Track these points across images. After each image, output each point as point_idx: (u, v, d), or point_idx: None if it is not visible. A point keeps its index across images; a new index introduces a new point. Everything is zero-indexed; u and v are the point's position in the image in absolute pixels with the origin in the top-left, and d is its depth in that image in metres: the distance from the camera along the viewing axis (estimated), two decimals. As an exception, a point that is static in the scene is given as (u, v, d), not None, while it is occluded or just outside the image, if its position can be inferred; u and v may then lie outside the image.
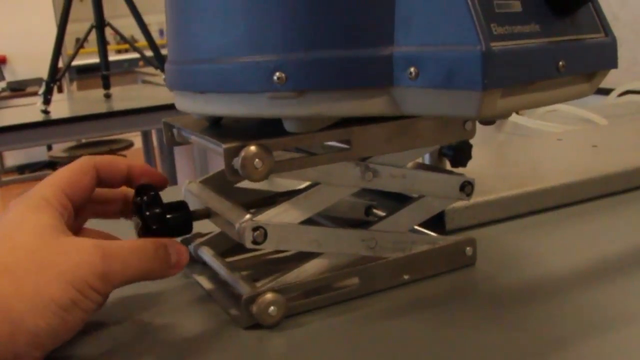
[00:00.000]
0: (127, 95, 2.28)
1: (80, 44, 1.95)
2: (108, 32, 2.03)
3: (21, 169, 5.18)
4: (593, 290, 0.46)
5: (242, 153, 0.39)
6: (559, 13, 0.38)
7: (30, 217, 0.39)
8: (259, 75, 0.36)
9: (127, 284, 0.40)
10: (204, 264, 0.52)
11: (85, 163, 0.44)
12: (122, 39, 2.02)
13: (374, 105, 0.37)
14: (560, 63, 0.37)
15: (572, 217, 0.62)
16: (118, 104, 2.02)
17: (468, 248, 0.50)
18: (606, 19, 0.42)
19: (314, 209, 0.44)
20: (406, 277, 0.47)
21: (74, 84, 5.29)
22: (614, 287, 0.46)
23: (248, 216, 0.42)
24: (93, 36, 2.00)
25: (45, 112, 1.87)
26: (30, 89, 5.20)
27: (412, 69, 0.35)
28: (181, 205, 0.45)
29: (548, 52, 0.37)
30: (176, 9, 0.42)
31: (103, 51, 2.00)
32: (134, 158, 2.70)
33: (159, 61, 2.04)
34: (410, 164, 0.48)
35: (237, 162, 0.39)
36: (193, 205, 0.48)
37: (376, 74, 0.36)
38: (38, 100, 1.93)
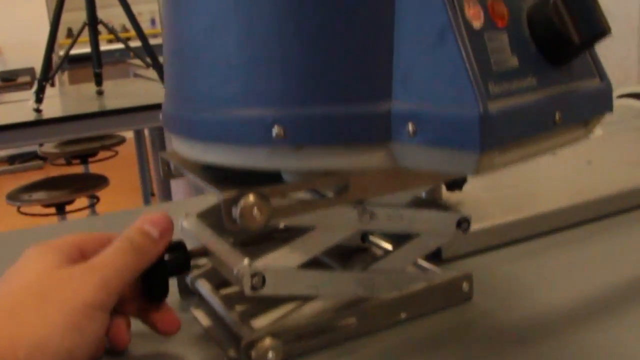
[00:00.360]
0: (119, 92, 2.27)
1: (72, 43, 1.93)
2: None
3: (12, 159, 5.16)
4: (592, 326, 0.46)
5: (241, 203, 0.39)
6: (555, 63, 0.38)
7: (34, 259, 0.41)
8: (257, 129, 0.36)
9: (128, 284, 0.41)
10: (200, 295, 0.52)
11: (99, 235, 0.45)
12: (116, 37, 2.01)
13: (373, 159, 0.37)
14: (557, 115, 0.37)
15: (568, 242, 0.62)
16: (111, 102, 2.01)
17: (465, 284, 0.50)
18: (601, 63, 0.42)
19: (312, 252, 0.44)
20: (403, 315, 0.48)
21: (65, 74, 5.26)
22: (614, 324, 0.46)
23: (246, 262, 0.42)
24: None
25: (38, 110, 1.86)
26: (21, 79, 5.18)
27: (410, 126, 0.35)
28: (179, 246, 0.46)
29: (545, 106, 0.37)
30: (174, 54, 0.42)
31: (96, 50, 1.98)
32: (127, 154, 2.70)
33: (150, 56, 2.02)
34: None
35: (235, 211, 0.39)
36: (190, 242, 0.48)
37: (374, 130, 0.36)
38: (31, 99, 1.92)
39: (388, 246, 0.55)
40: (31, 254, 0.41)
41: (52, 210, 2.21)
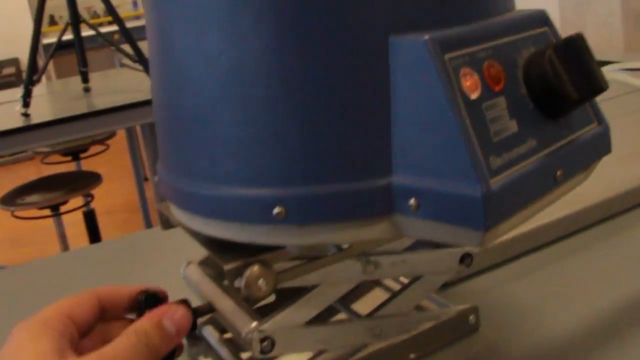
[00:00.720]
0: (107, 87, 2.25)
1: (55, 46, 1.91)
2: (82, 6, 1.97)
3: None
4: (603, 353, 0.46)
5: (246, 273, 0.39)
6: (553, 117, 0.38)
7: (29, 345, 0.39)
8: (258, 208, 0.36)
9: None
10: (208, 342, 0.52)
11: (88, 293, 0.43)
12: (102, 38, 1.98)
13: (376, 231, 0.37)
14: (558, 173, 0.37)
15: (570, 252, 0.62)
16: (99, 100, 1.99)
17: (471, 317, 0.50)
18: (598, 106, 0.42)
19: (319, 308, 0.44)
20: (412, 355, 0.48)
21: (50, 63, 5.19)
22: (623, 348, 0.47)
23: (254, 325, 0.42)
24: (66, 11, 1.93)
25: (26, 115, 1.84)
26: (6, 70, 5.12)
27: (412, 201, 0.35)
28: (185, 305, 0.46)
29: (546, 167, 0.37)
30: (168, 121, 0.41)
31: (80, 49, 1.96)
32: (118, 146, 2.66)
33: (135, 51, 2.00)
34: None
35: (240, 281, 0.39)
36: (194, 293, 0.48)
37: (376, 205, 0.35)
38: (17, 101, 1.90)
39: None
40: (22, 338, 0.39)
41: (47, 212, 2.20)
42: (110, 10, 1.94)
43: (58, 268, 0.76)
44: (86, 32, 2.09)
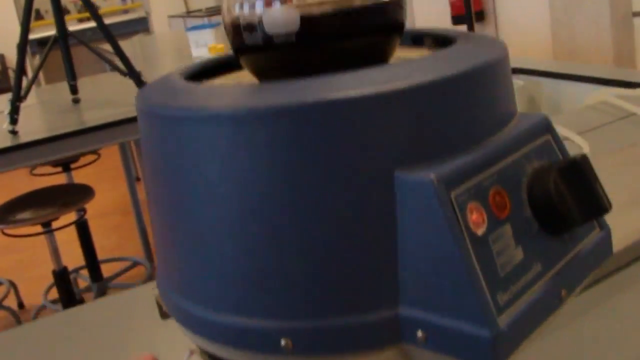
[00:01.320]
0: (97, 97, 2.23)
1: (42, 61, 1.89)
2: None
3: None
4: None
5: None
6: (556, 234, 0.38)
7: None
8: (264, 340, 0.36)
9: None
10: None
11: None
12: (90, 49, 1.97)
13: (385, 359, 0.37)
14: (563, 292, 0.37)
15: (565, 319, 0.62)
16: (90, 114, 1.98)
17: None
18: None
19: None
20: None
21: (37, 58, 5.15)
22: None
23: None
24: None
25: (13, 132, 1.82)
26: (-10, 70, 5.07)
27: (419, 333, 0.35)
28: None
29: (552, 289, 0.37)
30: (171, 242, 0.41)
31: (69, 64, 1.94)
32: (110, 157, 2.62)
33: (125, 63, 1.99)
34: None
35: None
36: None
37: (383, 335, 0.35)
38: (5, 117, 1.89)
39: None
40: None
41: (39, 228, 2.18)
42: (96, 17, 1.92)
43: (54, 331, 0.76)
44: (73, 26, 2.05)
